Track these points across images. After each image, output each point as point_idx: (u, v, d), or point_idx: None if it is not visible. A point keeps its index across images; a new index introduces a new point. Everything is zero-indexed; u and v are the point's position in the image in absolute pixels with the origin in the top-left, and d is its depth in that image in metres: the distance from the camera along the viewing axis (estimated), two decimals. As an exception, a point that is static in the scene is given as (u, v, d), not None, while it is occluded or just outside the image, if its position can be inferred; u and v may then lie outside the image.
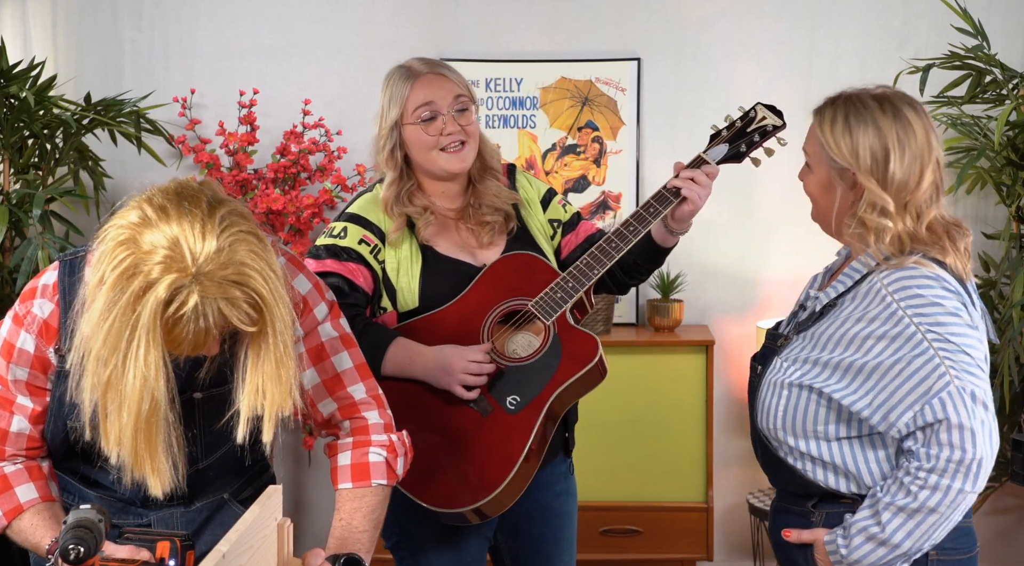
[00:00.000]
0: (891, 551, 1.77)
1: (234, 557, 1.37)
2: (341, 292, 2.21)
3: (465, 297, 2.27)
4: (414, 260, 2.28)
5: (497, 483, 2.15)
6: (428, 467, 2.16)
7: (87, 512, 1.48)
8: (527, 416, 2.18)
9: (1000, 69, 3.50)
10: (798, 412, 1.87)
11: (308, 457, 4.04)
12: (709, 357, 3.68)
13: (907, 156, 1.84)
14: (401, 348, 2.20)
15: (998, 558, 3.89)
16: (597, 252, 2.25)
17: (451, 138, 2.26)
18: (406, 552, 2.33)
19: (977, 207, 3.84)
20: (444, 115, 2.25)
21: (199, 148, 3.79)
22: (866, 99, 1.89)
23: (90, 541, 1.45)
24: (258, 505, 1.51)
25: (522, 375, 2.22)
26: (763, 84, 3.88)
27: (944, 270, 1.82)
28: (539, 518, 2.39)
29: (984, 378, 1.76)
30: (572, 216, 2.48)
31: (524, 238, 2.38)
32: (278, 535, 1.59)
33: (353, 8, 3.95)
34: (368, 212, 2.30)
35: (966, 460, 1.72)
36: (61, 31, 3.97)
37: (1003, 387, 3.31)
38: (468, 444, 2.19)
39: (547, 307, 2.24)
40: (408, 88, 2.26)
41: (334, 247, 2.27)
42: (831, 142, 1.88)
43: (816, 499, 1.91)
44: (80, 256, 1.71)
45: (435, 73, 2.28)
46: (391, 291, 2.28)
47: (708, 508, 3.71)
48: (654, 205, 2.25)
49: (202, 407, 1.80)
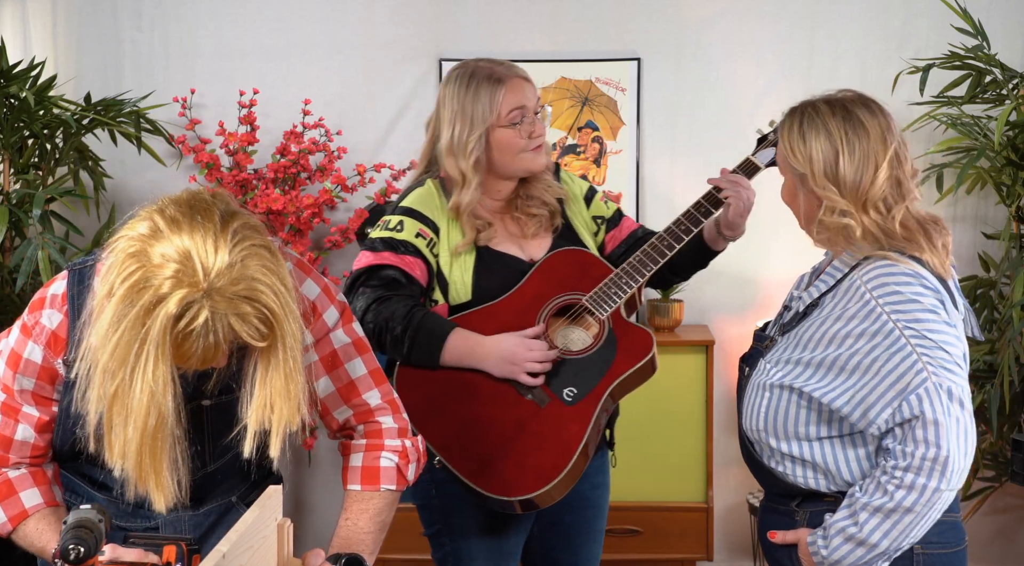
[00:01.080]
0: (869, 551, 1.77)
1: (234, 557, 1.37)
2: (398, 284, 2.26)
3: (520, 290, 2.31)
4: (467, 254, 2.32)
5: (554, 474, 2.18)
6: (485, 455, 2.21)
7: (87, 512, 1.48)
8: (584, 408, 2.22)
9: (1000, 69, 3.50)
10: (779, 413, 1.89)
11: (308, 457, 4.04)
12: (709, 357, 3.69)
13: (856, 155, 1.86)
14: (461, 338, 2.23)
15: (998, 558, 3.89)
16: (649, 250, 2.31)
17: (539, 139, 2.33)
18: (446, 538, 2.36)
19: (977, 207, 3.84)
20: (531, 117, 2.32)
21: (199, 148, 3.79)
22: (819, 105, 1.92)
23: (90, 541, 1.45)
24: (258, 505, 1.51)
25: (579, 367, 2.26)
26: (763, 84, 3.88)
27: (923, 267, 1.83)
28: (575, 508, 2.44)
29: (961, 375, 1.77)
30: (614, 213, 2.54)
31: (569, 235, 2.42)
32: (278, 535, 1.59)
33: (353, 8, 3.95)
34: (423, 207, 2.34)
35: (940, 457, 1.71)
36: (61, 31, 3.97)
37: (1003, 387, 3.30)
38: (525, 434, 2.22)
39: (601, 302, 2.29)
40: (500, 92, 2.29)
41: (391, 240, 2.29)
42: (789, 150, 1.92)
43: (800, 499, 1.92)
44: (89, 265, 1.70)
45: (520, 77, 2.34)
46: (444, 284, 2.31)
47: (708, 508, 3.71)
48: (704, 205, 2.32)
49: (210, 414, 1.79)
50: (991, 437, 3.53)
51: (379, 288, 2.25)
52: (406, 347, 2.22)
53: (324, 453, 4.06)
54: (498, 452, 2.21)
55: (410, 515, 3.73)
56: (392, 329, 2.21)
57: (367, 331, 2.17)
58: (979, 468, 3.57)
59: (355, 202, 3.87)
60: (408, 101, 3.96)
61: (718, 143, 3.93)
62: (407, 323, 2.20)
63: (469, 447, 2.22)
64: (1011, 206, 3.55)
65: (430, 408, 2.23)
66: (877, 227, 1.86)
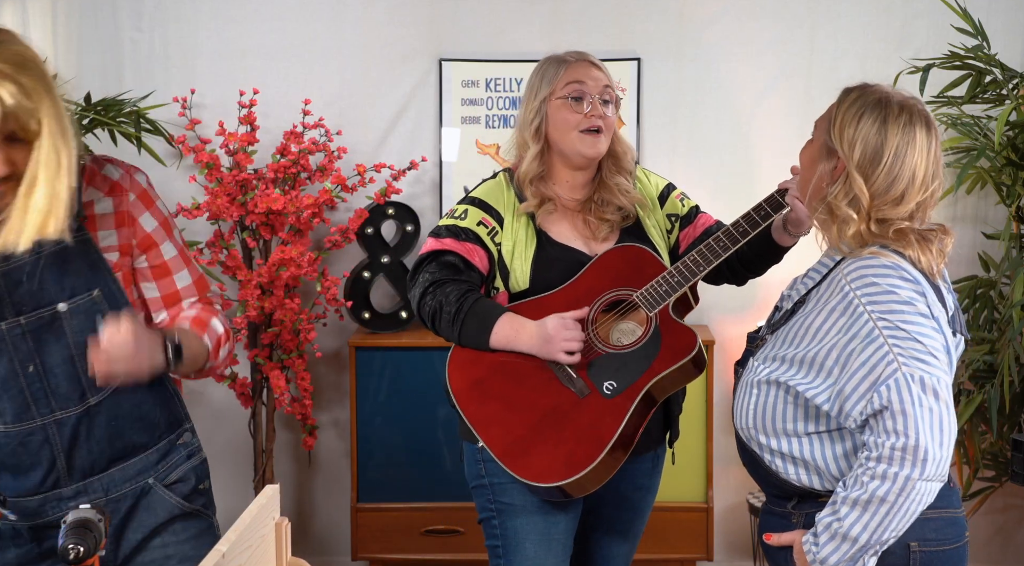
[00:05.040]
0: (852, 546, 1.76)
1: (233, 557, 1.38)
2: (457, 269, 2.35)
3: (575, 283, 2.37)
4: (529, 244, 2.39)
5: (585, 465, 2.23)
6: (525, 441, 2.28)
7: (87, 512, 1.48)
8: (622, 402, 2.27)
9: (1000, 69, 3.50)
10: (767, 409, 1.90)
11: (308, 457, 4.04)
12: (709, 357, 3.69)
13: (896, 169, 1.84)
14: (508, 322, 2.30)
15: (998, 558, 3.90)
16: (705, 250, 2.33)
17: (592, 122, 2.37)
18: (496, 522, 2.40)
19: (977, 207, 3.85)
20: (591, 98, 2.37)
21: (199, 148, 3.79)
22: (891, 100, 1.88)
23: (90, 541, 1.45)
24: (256, 505, 1.51)
25: (621, 362, 2.31)
26: (763, 84, 3.88)
27: (904, 260, 1.82)
28: (616, 506, 2.51)
29: (938, 366, 1.75)
30: (690, 210, 2.55)
31: (637, 232, 2.46)
32: (276, 535, 1.59)
33: (353, 8, 3.96)
34: (490, 197, 2.43)
35: (908, 446, 1.70)
36: (61, 31, 3.97)
37: (1003, 387, 3.30)
38: (563, 423, 2.28)
39: (651, 299, 2.32)
40: (563, 69, 2.41)
41: (454, 227, 2.38)
42: (838, 121, 1.89)
43: (796, 500, 1.92)
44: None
45: (588, 61, 2.43)
46: (504, 272, 2.39)
47: (708, 508, 3.72)
48: (764, 208, 2.33)
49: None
50: (991, 437, 3.53)
51: (437, 272, 2.34)
52: (458, 329, 2.30)
53: (324, 453, 4.06)
54: (534, 437, 2.28)
55: (410, 514, 3.75)
56: (446, 311, 2.30)
57: (424, 313, 2.34)
58: (979, 468, 3.57)
59: (355, 202, 3.87)
60: (408, 101, 3.96)
61: (718, 143, 3.94)
62: (460, 306, 2.30)
63: (508, 430, 2.29)
64: (1011, 206, 3.55)
65: (478, 389, 2.34)
66: (870, 234, 1.86)
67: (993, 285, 3.61)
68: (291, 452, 4.06)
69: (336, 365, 4.02)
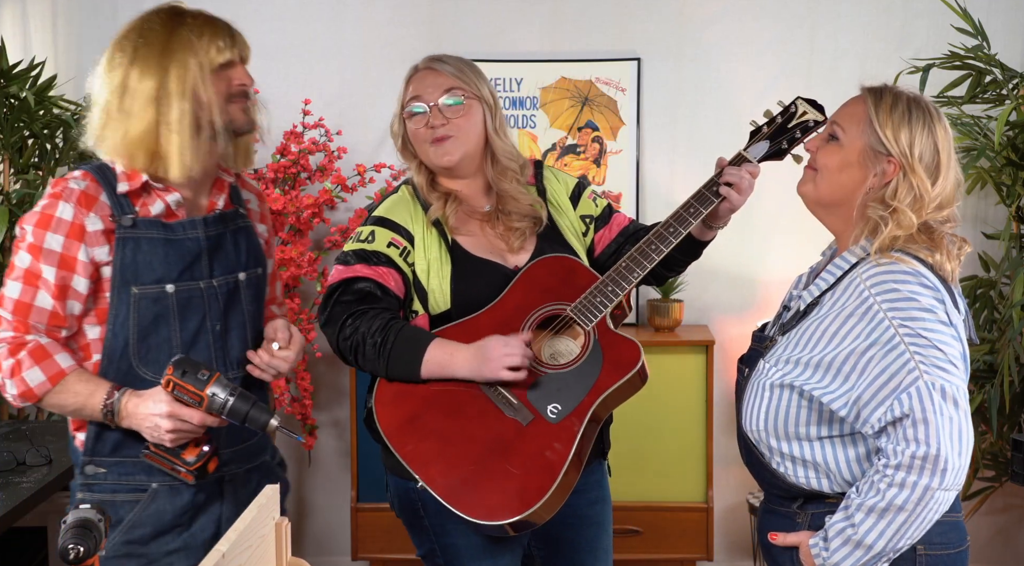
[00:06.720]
0: (867, 552, 1.75)
1: (233, 556, 1.38)
2: (373, 297, 2.17)
3: (502, 301, 2.21)
4: (444, 260, 2.23)
5: (538, 496, 2.05)
6: (468, 477, 2.08)
7: (87, 512, 1.48)
8: (569, 425, 2.10)
9: (1000, 69, 3.50)
10: (779, 413, 1.88)
11: (308, 457, 4.04)
12: (709, 357, 3.69)
13: (951, 175, 1.87)
14: (440, 347, 2.12)
15: (998, 558, 3.90)
16: (636, 255, 2.19)
17: (434, 132, 2.23)
18: (441, 560, 2.26)
19: (977, 207, 3.85)
20: (430, 108, 2.23)
21: (199, 148, 3.78)
22: (920, 101, 1.88)
23: (90, 541, 1.45)
24: (256, 505, 1.51)
25: (562, 383, 2.13)
26: (763, 84, 3.88)
27: (924, 266, 1.82)
28: (574, 526, 2.34)
29: (957, 375, 1.75)
30: (604, 209, 2.42)
31: (554, 236, 2.32)
32: (276, 535, 1.59)
33: (353, 8, 3.96)
34: (394, 214, 2.26)
35: (930, 455, 1.69)
36: (61, 31, 3.97)
37: (1003, 387, 3.31)
38: (509, 454, 2.09)
39: (586, 312, 2.16)
40: (408, 84, 2.28)
41: (363, 251, 2.21)
42: (887, 127, 1.86)
43: (802, 501, 1.91)
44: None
45: (428, 67, 2.27)
46: (422, 293, 2.23)
47: (708, 508, 3.72)
48: (694, 205, 2.22)
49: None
50: (991, 437, 3.53)
51: (353, 303, 2.16)
52: (385, 361, 2.12)
53: (324, 453, 4.06)
54: (480, 472, 2.08)
55: (410, 515, 3.75)
56: (370, 343, 2.12)
57: (344, 347, 2.17)
58: (979, 468, 3.57)
59: (355, 202, 3.87)
60: (408, 101, 3.96)
61: (718, 143, 3.92)
62: (384, 336, 2.11)
63: (450, 468, 2.09)
64: (1011, 206, 3.55)
65: (410, 426, 2.13)
66: (911, 236, 1.85)
67: (993, 285, 3.61)
68: (291, 452, 4.06)
69: (336, 365, 4.02)
